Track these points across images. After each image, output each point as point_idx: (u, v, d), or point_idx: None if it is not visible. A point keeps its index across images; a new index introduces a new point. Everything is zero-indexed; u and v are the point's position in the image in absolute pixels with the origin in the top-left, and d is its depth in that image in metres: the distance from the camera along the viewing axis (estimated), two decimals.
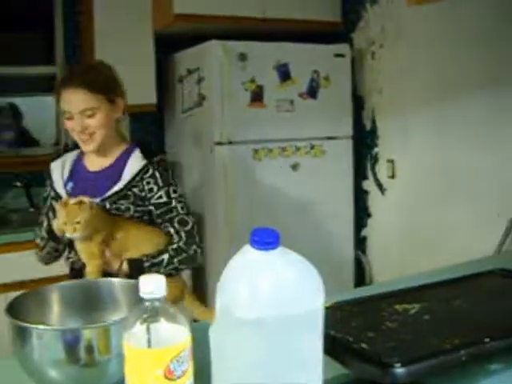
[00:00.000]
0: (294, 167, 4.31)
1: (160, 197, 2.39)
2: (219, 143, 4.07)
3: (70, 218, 2.15)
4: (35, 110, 4.56)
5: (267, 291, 1.03)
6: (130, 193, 2.36)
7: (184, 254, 2.34)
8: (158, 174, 2.40)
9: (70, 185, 2.48)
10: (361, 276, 4.78)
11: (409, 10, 4.02)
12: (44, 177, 2.62)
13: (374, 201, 4.69)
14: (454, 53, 3.82)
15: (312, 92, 4.31)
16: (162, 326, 1.03)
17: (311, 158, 4.37)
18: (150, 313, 1.03)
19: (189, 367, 1.06)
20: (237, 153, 4.10)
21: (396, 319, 1.43)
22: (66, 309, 1.55)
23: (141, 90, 4.38)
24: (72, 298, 1.56)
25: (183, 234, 2.39)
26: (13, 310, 1.35)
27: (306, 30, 4.55)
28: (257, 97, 4.12)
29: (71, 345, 1.24)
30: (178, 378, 1.03)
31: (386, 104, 4.47)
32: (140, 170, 2.39)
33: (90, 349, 1.24)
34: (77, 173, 2.53)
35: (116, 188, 2.37)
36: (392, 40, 4.32)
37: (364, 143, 4.67)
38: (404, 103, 4.27)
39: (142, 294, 1.04)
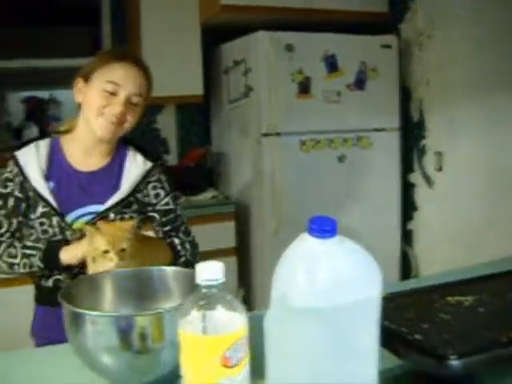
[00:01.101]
0: (341, 159, 4.29)
1: (167, 203, 2.15)
2: (266, 134, 4.07)
3: (114, 245, 1.76)
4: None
5: (325, 279, 1.02)
6: (133, 199, 2.07)
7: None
8: (163, 178, 2.17)
9: (51, 184, 2.04)
10: (407, 269, 4.75)
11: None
12: None
13: (421, 194, 4.64)
14: (504, 44, 3.76)
15: (359, 83, 4.29)
16: (219, 314, 1.03)
17: (358, 149, 4.34)
18: (207, 300, 1.03)
19: (245, 355, 1.06)
20: (284, 144, 4.09)
21: (449, 311, 1.41)
22: (118, 296, 1.56)
23: (187, 81, 4.41)
24: (125, 285, 1.57)
25: (188, 246, 2.17)
26: (67, 296, 1.36)
27: (353, 21, 4.52)
28: (304, 88, 4.11)
29: (125, 331, 1.24)
30: (235, 365, 1.03)
31: (434, 95, 4.41)
32: (147, 173, 2.12)
33: (143, 336, 1.24)
34: (58, 169, 2.08)
35: (120, 195, 2.05)
36: (440, 31, 4.26)
37: (411, 135, 4.62)
38: (452, 95, 4.21)
39: (198, 281, 1.03)
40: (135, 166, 2.11)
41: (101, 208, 2.02)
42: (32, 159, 2.04)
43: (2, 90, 4.80)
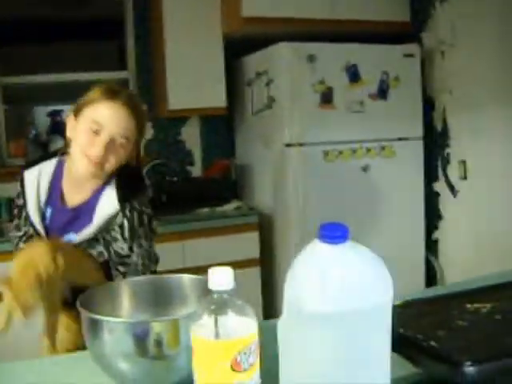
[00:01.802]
0: (365, 169, 4.29)
1: (122, 249, 2.00)
2: (289, 145, 4.09)
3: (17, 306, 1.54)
4: None
5: (336, 284, 1.02)
6: (100, 237, 2.01)
7: None
8: (127, 224, 2.01)
9: (49, 211, 2.08)
10: (432, 279, 4.72)
11: (479, 7, 3.96)
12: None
13: (446, 203, 4.62)
14: None
15: (382, 93, 4.29)
16: (230, 319, 1.04)
17: (382, 159, 4.34)
18: (218, 305, 1.04)
19: (256, 360, 1.06)
20: (307, 155, 4.10)
21: (467, 318, 1.40)
22: (135, 303, 1.57)
23: (211, 93, 4.44)
24: (141, 292, 1.59)
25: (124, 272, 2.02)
26: (84, 302, 1.38)
27: (375, 31, 4.52)
28: (326, 98, 4.12)
29: (141, 338, 1.26)
30: (245, 370, 1.03)
31: (457, 104, 4.40)
32: (111, 215, 2.00)
33: (159, 342, 1.25)
34: (55, 199, 2.09)
35: (88, 231, 2.00)
36: (462, 38, 4.24)
37: (435, 144, 4.61)
38: (475, 103, 4.19)
39: (210, 286, 1.04)
40: (107, 204, 2.01)
41: (76, 239, 2.01)
42: (32, 186, 2.08)
43: (29, 104, 4.88)
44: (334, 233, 1.05)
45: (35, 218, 2.06)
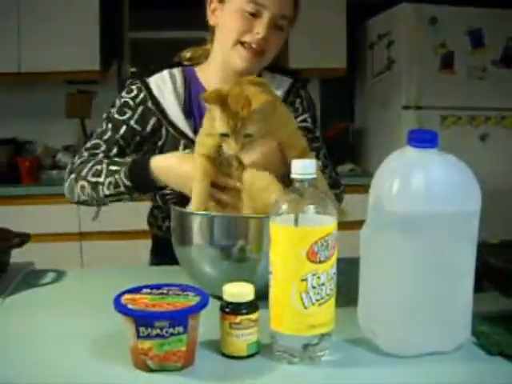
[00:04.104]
0: (483, 137, 4.20)
1: (304, 120, 1.84)
2: (407, 107, 4.07)
3: (237, 127, 1.30)
4: None
5: (419, 186, 1.02)
6: None
7: None
8: (304, 94, 1.87)
9: (192, 123, 1.74)
10: None
11: None
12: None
13: None
14: None
15: (506, 60, 4.18)
16: (310, 209, 1.05)
17: (501, 129, 4.24)
18: (299, 193, 1.05)
19: (333, 256, 1.06)
20: (424, 118, 4.06)
21: None
22: None
23: (332, 54, 4.47)
24: None
25: (331, 171, 1.90)
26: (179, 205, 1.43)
27: None
28: (447, 62, 4.06)
29: (224, 232, 1.30)
30: (321, 262, 1.03)
31: None
32: (286, 94, 1.80)
33: (242, 244, 1.28)
34: (198, 105, 1.75)
35: None
36: None
37: None
38: None
39: (292, 175, 1.05)
40: (275, 88, 1.66)
41: None
42: (168, 89, 1.75)
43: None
44: (422, 136, 1.06)
45: (185, 127, 1.72)
